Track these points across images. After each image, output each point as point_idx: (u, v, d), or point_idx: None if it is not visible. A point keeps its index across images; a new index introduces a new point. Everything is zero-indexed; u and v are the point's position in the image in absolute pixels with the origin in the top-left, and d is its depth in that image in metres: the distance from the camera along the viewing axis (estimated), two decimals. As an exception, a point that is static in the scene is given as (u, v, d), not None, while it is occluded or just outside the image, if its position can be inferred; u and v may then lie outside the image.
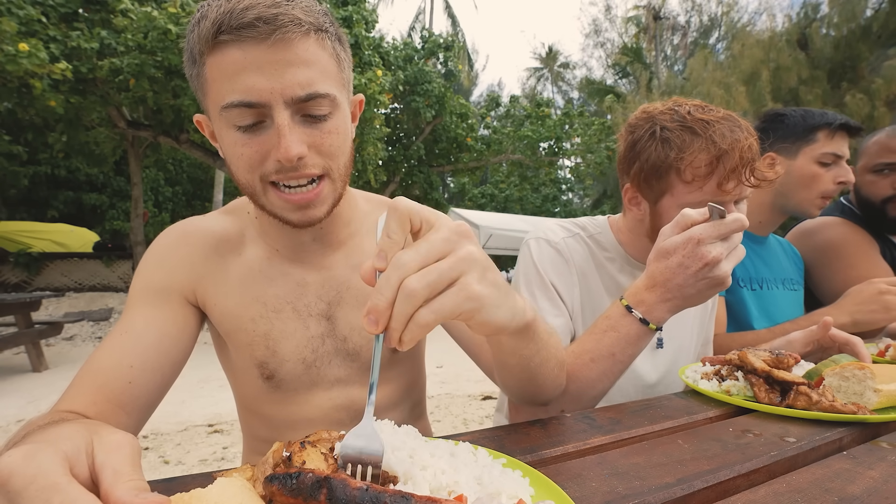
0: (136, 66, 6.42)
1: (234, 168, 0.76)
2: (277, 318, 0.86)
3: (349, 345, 0.90)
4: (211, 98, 0.73)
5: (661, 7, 21.47)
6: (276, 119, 0.70)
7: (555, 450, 0.67)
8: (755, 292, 1.56)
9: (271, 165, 0.73)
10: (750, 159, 0.99)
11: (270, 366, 0.86)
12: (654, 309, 0.86)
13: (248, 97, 0.68)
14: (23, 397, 4.49)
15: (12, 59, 5.45)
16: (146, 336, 0.77)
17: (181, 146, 8.85)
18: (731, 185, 1.01)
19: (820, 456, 0.69)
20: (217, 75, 0.70)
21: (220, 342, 0.93)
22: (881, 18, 9.04)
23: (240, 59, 0.67)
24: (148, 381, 0.74)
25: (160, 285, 0.82)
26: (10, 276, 10.52)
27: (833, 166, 1.51)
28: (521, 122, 12.09)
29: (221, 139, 0.76)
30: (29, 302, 5.26)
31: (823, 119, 1.51)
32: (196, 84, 0.76)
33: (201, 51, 0.70)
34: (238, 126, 0.71)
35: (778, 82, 9.70)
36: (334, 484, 0.37)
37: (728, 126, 1.01)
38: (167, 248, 0.86)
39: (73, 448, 0.41)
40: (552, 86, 32.17)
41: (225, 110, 0.70)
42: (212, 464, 3.23)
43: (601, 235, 1.26)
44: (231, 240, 0.89)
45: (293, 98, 0.70)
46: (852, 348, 1.00)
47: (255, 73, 0.68)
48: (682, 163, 1.03)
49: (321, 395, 0.90)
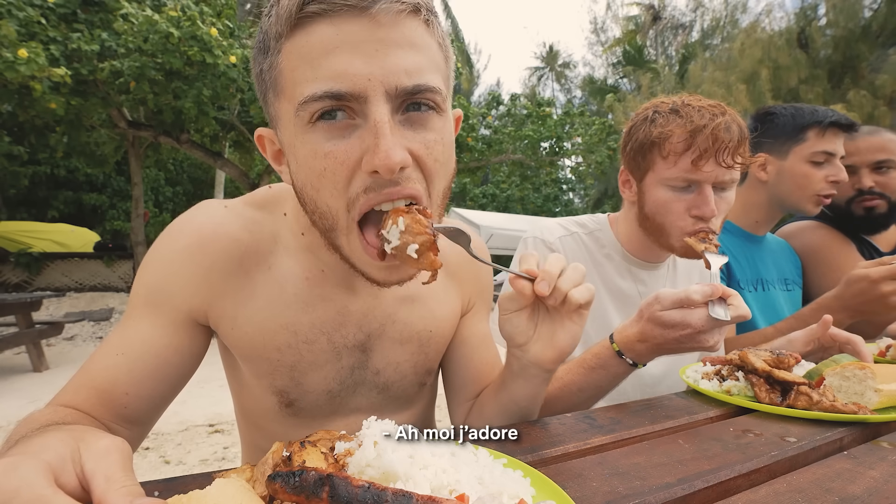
0: (136, 69, 6.43)
1: (312, 191, 0.59)
2: (308, 349, 0.75)
3: (381, 378, 0.83)
4: (286, 95, 0.57)
5: (661, 7, 21.46)
6: (372, 115, 0.54)
7: (555, 449, 0.67)
8: (756, 293, 1.55)
9: (359, 182, 0.57)
10: (727, 140, 1.01)
11: (292, 395, 0.78)
12: (643, 356, 0.90)
13: (336, 85, 0.53)
14: (24, 397, 4.49)
15: (10, 66, 5.42)
16: (143, 363, 0.68)
17: (182, 146, 8.86)
18: (705, 164, 1.03)
19: (820, 456, 0.69)
20: (297, 62, 0.54)
21: (229, 355, 0.83)
22: (880, 18, 9.03)
23: (330, 36, 0.53)
24: (145, 406, 0.70)
25: (165, 302, 0.70)
26: (11, 276, 10.53)
27: (826, 165, 1.48)
28: (522, 122, 12.07)
29: (295, 151, 0.59)
30: (30, 302, 5.26)
31: (813, 117, 1.49)
32: (266, 82, 0.60)
33: (279, 33, 0.55)
34: (319, 124, 0.56)
35: (778, 82, 9.69)
36: (336, 482, 0.37)
37: (711, 110, 1.05)
38: (177, 258, 0.71)
39: (57, 457, 0.40)
40: (555, 83, 32.16)
41: (303, 107, 0.54)
42: (212, 464, 3.23)
43: (600, 232, 1.28)
44: (260, 250, 0.73)
45: (397, 88, 0.54)
46: (853, 347, 1.00)
47: (350, 55, 0.53)
48: (661, 138, 1.07)
49: (339, 421, 0.83)
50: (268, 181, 9.81)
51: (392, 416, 0.86)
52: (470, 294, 0.93)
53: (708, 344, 0.84)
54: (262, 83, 0.61)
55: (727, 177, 1.05)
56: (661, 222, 1.11)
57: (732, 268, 1.54)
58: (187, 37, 6.51)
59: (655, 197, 1.11)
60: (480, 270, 0.94)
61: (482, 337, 0.94)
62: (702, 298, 0.82)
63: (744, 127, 1.05)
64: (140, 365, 0.69)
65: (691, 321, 0.82)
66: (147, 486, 0.52)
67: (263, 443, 0.88)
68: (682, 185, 1.07)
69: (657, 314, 0.84)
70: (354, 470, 0.46)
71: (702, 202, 1.05)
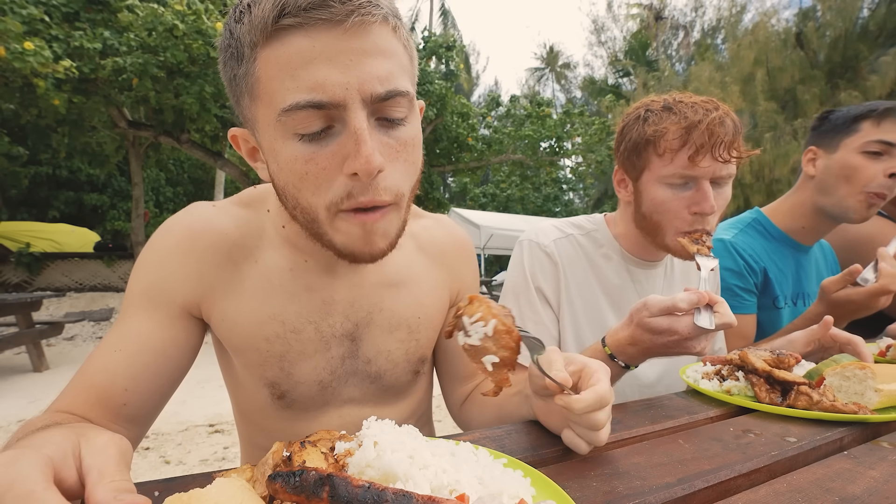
0: (139, 66, 6.42)
1: (294, 190, 0.63)
2: (296, 338, 0.78)
3: (372, 367, 0.84)
4: (263, 102, 0.60)
5: (662, 7, 21.47)
6: (351, 122, 0.58)
7: (556, 449, 0.67)
8: (795, 308, 1.50)
9: (340, 187, 0.60)
10: (722, 135, 1.01)
11: (283, 387, 0.80)
12: (634, 359, 0.92)
13: (317, 96, 0.56)
14: (23, 397, 4.49)
15: (19, 57, 5.44)
16: (141, 357, 0.70)
17: (182, 146, 8.85)
18: (701, 159, 1.03)
19: (821, 456, 0.69)
20: (275, 71, 0.57)
21: (222, 348, 0.85)
22: (878, 18, 9.01)
23: (307, 48, 0.56)
24: (144, 402, 0.71)
25: (160, 296, 0.73)
26: (11, 276, 10.52)
27: (885, 156, 1.30)
28: (522, 122, 12.08)
29: (276, 154, 0.62)
30: (30, 302, 5.26)
31: (868, 107, 1.34)
32: (240, 87, 0.62)
33: (254, 42, 0.58)
34: (301, 135, 0.59)
35: (774, 82, 9.68)
36: (337, 482, 0.37)
37: (704, 106, 1.05)
38: (170, 253, 0.74)
39: (58, 452, 0.40)
40: (555, 84, 32.17)
41: (286, 114, 0.57)
42: (212, 464, 3.23)
43: (597, 232, 1.28)
44: (247, 244, 0.77)
45: (371, 95, 0.58)
46: (854, 348, 1.00)
47: (327, 66, 0.56)
48: (656, 136, 1.07)
49: (332, 412, 0.84)
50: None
51: (386, 407, 0.88)
52: (459, 283, 0.94)
53: (695, 350, 0.85)
54: (236, 87, 0.63)
55: (724, 171, 1.05)
56: (659, 220, 1.11)
57: (772, 280, 1.46)
58: (192, 31, 6.52)
59: (653, 195, 1.11)
60: (467, 260, 0.96)
61: None
62: (688, 307, 0.83)
63: (737, 122, 1.05)
64: (138, 360, 0.70)
65: (678, 328, 0.82)
66: (147, 485, 0.53)
67: (261, 440, 0.88)
68: (680, 183, 1.07)
69: (645, 320, 0.85)
70: (354, 470, 0.46)
71: (701, 198, 1.04)
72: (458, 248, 0.95)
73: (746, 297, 1.45)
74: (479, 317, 0.58)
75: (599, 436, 0.61)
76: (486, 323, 0.58)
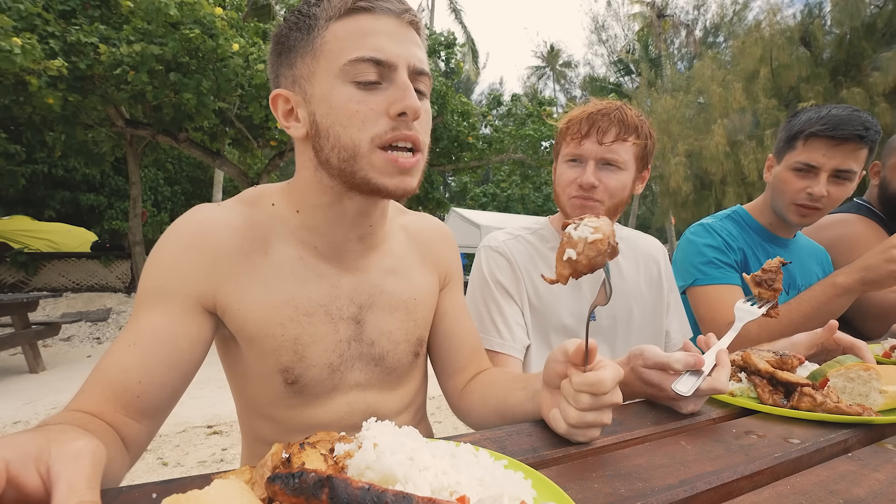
0: (136, 57, 6.33)
1: (340, 128, 0.75)
2: (309, 321, 0.83)
3: (375, 349, 0.90)
4: (327, 58, 0.74)
5: (664, 5, 21.54)
6: (399, 78, 0.74)
7: (556, 451, 0.66)
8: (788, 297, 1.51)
9: (384, 124, 0.74)
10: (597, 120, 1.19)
11: (296, 371, 0.83)
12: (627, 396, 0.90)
13: (378, 55, 0.73)
14: (19, 398, 4.47)
15: (6, 57, 5.32)
16: (155, 350, 0.72)
17: (180, 145, 8.82)
18: (583, 140, 1.20)
19: (824, 458, 0.69)
20: (345, 35, 0.74)
21: (228, 346, 0.88)
22: (885, 16, 9.02)
23: (373, 24, 0.74)
24: (157, 394, 0.72)
25: (174, 291, 0.76)
26: (7, 276, 10.49)
27: (810, 174, 1.44)
28: (523, 121, 12.08)
29: (329, 98, 0.75)
30: (26, 302, 5.24)
31: (805, 125, 1.44)
32: (304, 49, 0.76)
33: (328, 16, 0.74)
34: (357, 82, 0.73)
35: (778, 80, 9.70)
36: (336, 483, 0.37)
37: (600, 104, 1.23)
38: (183, 248, 0.78)
39: (19, 454, 0.40)
40: (554, 84, 32.24)
41: (351, 64, 0.73)
42: (211, 465, 3.22)
43: (543, 230, 1.39)
44: (256, 237, 0.82)
45: (413, 67, 0.76)
46: (857, 352, 1.00)
47: (386, 38, 0.74)
48: (565, 126, 1.26)
49: (339, 398, 0.88)
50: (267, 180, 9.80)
51: (389, 392, 0.93)
52: (446, 268, 1.04)
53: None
54: (295, 53, 0.77)
55: (609, 155, 1.18)
56: (559, 193, 1.28)
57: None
58: (189, 21, 6.48)
59: (556, 175, 1.30)
60: (451, 247, 1.07)
61: (461, 307, 1.07)
62: (682, 368, 0.80)
63: (631, 116, 1.20)
64: (152, 352, 0.72)
65: (666, 387, 0.80)
66: (145, 487, 0.52)
67: (267, 434, 0.91)
68: (570, 159, 1.24)
69: (639, 368, 0.84)
70: (354, 472, 0.46)
71: (581, 173, 1.21)
72: (442, 236, 1.06)
73: (729, 270, 1.52)
74: (594, 226, 0.62)
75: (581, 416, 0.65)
76: (595, 231, 0.62)
